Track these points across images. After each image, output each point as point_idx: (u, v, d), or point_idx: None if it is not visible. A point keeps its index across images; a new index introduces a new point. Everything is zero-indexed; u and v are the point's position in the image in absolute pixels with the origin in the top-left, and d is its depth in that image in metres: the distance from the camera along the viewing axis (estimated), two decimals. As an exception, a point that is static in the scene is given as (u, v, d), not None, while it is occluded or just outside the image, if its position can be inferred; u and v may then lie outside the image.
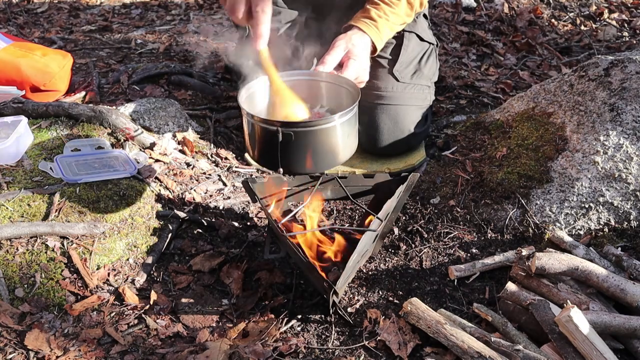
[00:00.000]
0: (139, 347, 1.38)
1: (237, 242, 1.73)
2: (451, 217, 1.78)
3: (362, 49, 1.58)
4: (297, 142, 1.23)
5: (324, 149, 1.28)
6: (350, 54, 1.53)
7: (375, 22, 1.67)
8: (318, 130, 1.25)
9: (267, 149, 1.29)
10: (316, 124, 1.24)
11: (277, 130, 1.22)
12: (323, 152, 1.28)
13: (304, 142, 1.24)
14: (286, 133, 1.21)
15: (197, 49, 2.86)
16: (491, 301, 1.52)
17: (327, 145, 1.28)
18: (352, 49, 1.54)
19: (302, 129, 1.23)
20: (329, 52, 1.51)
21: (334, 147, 1.30)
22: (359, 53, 1.55)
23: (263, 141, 1.29)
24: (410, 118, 1.99)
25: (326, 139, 1.27)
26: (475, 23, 3.30)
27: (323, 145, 1.28)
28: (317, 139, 1.26)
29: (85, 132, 1.92)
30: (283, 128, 1.22)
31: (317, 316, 1.48)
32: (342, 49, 1.53)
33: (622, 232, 1.64)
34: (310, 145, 1.26)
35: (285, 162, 1.27)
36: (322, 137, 1.26)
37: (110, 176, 1.73)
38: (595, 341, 1.23)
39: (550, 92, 1.95)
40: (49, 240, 1.54)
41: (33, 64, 2.17)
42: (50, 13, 3.51)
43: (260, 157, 1.35)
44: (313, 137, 1.25)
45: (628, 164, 1.66)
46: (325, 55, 1.50)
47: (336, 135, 1.28)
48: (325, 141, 1.27)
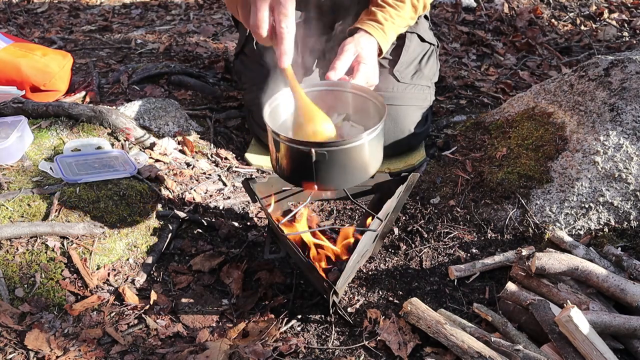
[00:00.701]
0: (139, 347, 1.38)
1: (237, 242, 1.74)
2: (451, 217, 1.78)
3: (370, 52, 1.58)
4: (330, 161, 1.26)
5: (356, 165, 1.32)
6: (359, 57, 1.53)
7: (382, 25, 1.67)
8: (349, 149, 1.27)
9: (300, 167, 1.31)
10: (349, 142, 1.27)
11: (309, 151, 1.24)
12: (355, 168, 1.32)
13: (337, 160, 1.27)
14: (320, 153, 1.24)
15: (197, 49, 2.86)
16: (491, 301, 1.52)
17: (358, 162, 1.32)
18: (361, 53, 1.53)
19: (334, 149, 1.26)
20: (339, 57, 1.49)
21: (365, 162, 1.33)
22: (367, 56, 1.55)
23: (295, 161, 1.31)
24: (410, 118, 1.99)
25: (357, 156, 1.30)
26: (475, 23, 3.30)
27: (355, 161, 1.31)
28: (349, 156, 1.29)
29: (85, 132, 1.92)
30: (316, 148, 1.24)
31: (317, 316, 1.48)
32: (351, 53, 1.52)
33: (622, 232, 1.64)
34: (343, 163, 1.29)
35: (319, 179, 1.30)
36: (354, 154, 1.29)
37: (110, 176, 1.73)
38: (595, 341, 1.24)
39: (550, 92, 1.95)
40: (49, 240, 1.54)
41: (33, 64, 2.17)
42: (50, 13, 3.51)
43: (292, 176, 1.37)
44: (345, 155, 1.28)
45: (628, 164, 1.66)
46: (335, 60, 1.48)
47: (366, 151, 1.31)
48: (357, 158, 1.31)
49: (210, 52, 2.85)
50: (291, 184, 1.41)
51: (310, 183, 1.31)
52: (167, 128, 2.08)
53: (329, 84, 1.45)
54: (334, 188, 1.46)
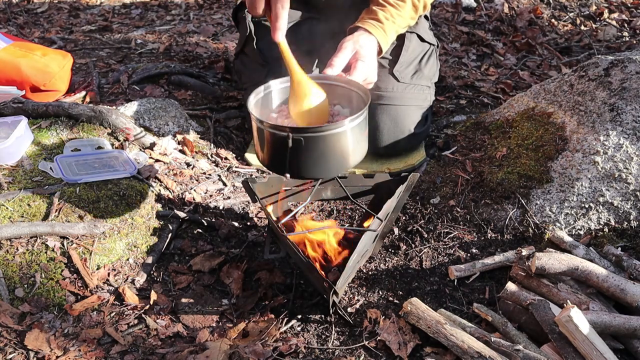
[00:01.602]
0: (139, 347, 1.38)
1: (237, 242, 1.74)
2: (451, 217, 1.78)
3: (369, 50, 1.58)
4: (307, 148, 1.23)
5: (334, 154, 1.27)
6: (357, 55, 1.53)
7: (382, 24, 1.67)
8: (328, 136, 1.23)
9: (276, 154, 1.28)
10: (326, 129, 1.23)
11: (287, 136, 1.21)
12: (333, 157, 1.28)
13: (313, 148, 1.23)
14: (296, 139, 1.21)
15: (197, 49, 2.86)
16: (491, 301, 1.52)
17: (337, 150, 1.27)
18: (359, 50, 1.54)
19: (313, 134, 1.22)
20: (337, 54, 1.50)
21: (344, 152, 1.29)
22: (366, 54, 1.55)
23: (273, 146, 1.28)
24: (410, 118, 1.99)
25: (336, 144, 1.26)
26: (475, 23, 3.30)
27: (333, 150, 1.27)
28: (327, 144, 1.25)
29: (85, 132, 1.92)
30: (293, 133, 1.21)
31: (317, 316, 1.48)
32: (349, 51, 1.52)
33: (622, 232, 1.64)
34: (320, 151, 1.25)
35: (294, 167, 1.26)
36: (333, 142, 1.25)
37: (110, 176, 1.73)
38: (595, 341, 1.23)
39: (550, 92, 1.95)
40: (49, 240, 1.54)
41: (33, 64, 2.17)
42: (50, 13, 3.51)
43: (269, 162, 1.34)
44: (323, 142, 1.24)
45: (628, 164, 1.66)
46: (333, 57, 1.49)
47: (346, 140, 1.27)
48: (335, 146, 1.26)
49: (210, 52, 2.85)
50: (271, 171, 1.37)
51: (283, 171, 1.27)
52: (167, 128, 2.08)
53: (315, 77, 1.43)
54: (308, 178, 1.41)
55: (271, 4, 1.28)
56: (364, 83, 1.53)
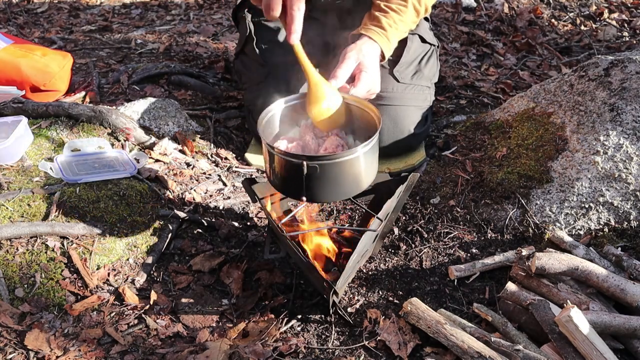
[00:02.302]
0: (139, 347, 1.38)
1: (237, 242, 1.74)
2: (451, 217, 1.78)
3: (372, 60, 1.57)
4: (322, 174, 1.26)
5: (348, 178, 1.31)
6: (361, 66, 1.52)
7: (386, 31, 1.66)
8: (342, 162, 1.27)
9: (291, 180, 1.31)
10: (340, 157, 1.26)
11: (301, 164, 1.24)
12: (347, 181, 1.31)
13: (328, 173, 1.27)
14: (311, 166, 1.24)
15: (197, 49, 2.86)
16: (491, 301, 1.52)
17: (350, 175, 1.31)
18: (363, 61, 1.53)
19: (327, 162, 1.25)
20: (340, 65, 1.49)
21: (357, 176, 1.33)
22: (370, 64, 1.54)
23: (287, 173, 1.31)
24: (410, 119, 1.99)
25: (350, 169, 1.30)
26: (475, 23, 3.31)
27: (347, 174, 1.30)
28: (341, 170, 1.28)
29: (85, 132, 1.92)
30: (308, 161, 1.24)
31: (317, 316, 1.48)
32: (353, 61, 1.51)
33: (622, 232, 1.64)
34: (335, 176, 1.28)
35: (310, 192, 1.30)
36: (346, 167, 1.29)
37: (110, 176, 1.73)
38: (595, 341, 1.24)
39: (550, 92, 1.95)
40: (49, 240, 1.54)
41: (33, 64, 2.17)
42: (50, 13, 3.51)
43: (283, 188, 1.37)
44: (337, 168, 1.27)
45: (628, 164, 1.66)
46: (337, 68, 1.48)
47: (359, 164, 1.30)
48: (348, 171, 1.30)
49: (210, 52, 2.85)
50: (285, 195, 1.41)
51: (300, 196, 1.31)
52: (167, 128, 2.08)
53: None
54: (324, 201, 1.46)
55: (287, 7, 1.28)
56: (368, 94, 1.53)
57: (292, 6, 1.28)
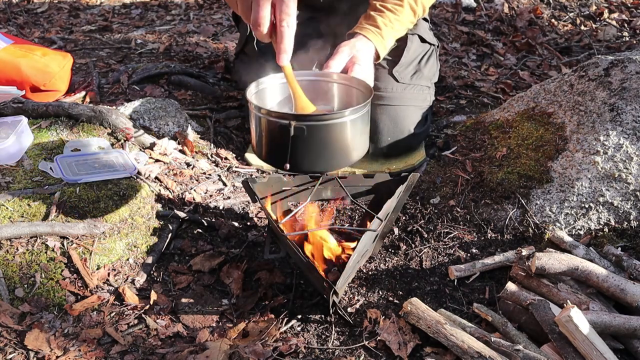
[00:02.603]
0: (139, 347, 1.38)
1: (237, 242, 1.74)
2: (451, 217, 1.78)
3: (366, 55, 1.57)
4: (310, 138, 1.20)
5: (336, 146, 1.25)
6: (354, 59, 1.52)
7: (380, 30, 1.66)
8: (331, 125, 1.21)
9: (276, 145, 1.25)
10: (330, 118, 1.21)
11: (289, 124, 1.18)
12: (335, 149, 1.26)
13: (316, 138, 1.21)
14: (298, 127, 1.18)
15: (197, 49, 2.86)
16: (491, 301, 1.52)
17: (339, 142, 1.25)
18: (356, 54, 1.53)
19: (316, 123, 1.19)
20: (333, 57, 1.49)
21: (346, 145, 1.27)
22: (362, 58, 1.54)
23: (272, 136, 1.25)
24: (410, 119, 1.99)
25: (339, 135, 1.24)
26: (475, 23, 3.31)
27: (335, 141, 1.25)
28: (329, 134, 1.22)
29: (85, 132, 1.92)
30: (296, 121, 1.18)
31: (317, 316, 1.48)
32: (346, 55, 1.51)
33: (622, 232, 1.64)
34: (323, 141, 1.22)
35: (295, 158, 1.23)
36: (335, 132, 1.23)
37: (110, 176, 1.73)
38: (595, 341, 1.23)
39: (550, 92, 1.95)
40: (49, 240, 1.54)
41: (33, 64, 2.17)
42: (50, 13, 3.51)
43: (268, 154, 1.30)
44: (326, 131, 1.21)
45: (628, 164, 1.66)
46: (329, 60, 1.48)
47: (349, 131, 1.25)
48: (337, 137, 1.24)
49: (210, 52, 2.85)
50: (268, 164, 1.34)
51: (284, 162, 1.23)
52: (167, 128, 2.08)
53: (314, 74, 1.42)
54: (309, 171, 1.38)
55: (276, 23, 1.17)
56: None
57: (281, 22, 1.16)
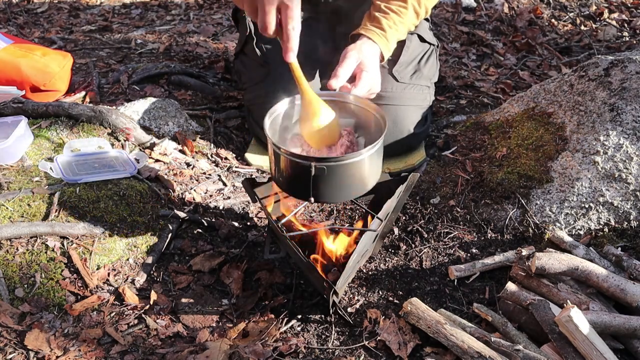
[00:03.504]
0: (139, 347, 1.38)
1: (237, 242, 1.74)
2: (451, 217, 1.78)
3: (373, 60, 1.57)
4: (329, 176, 1.28)
5: (354, 180, 1.33)
6: (362, 65, 1.52)
7: (385, 32, 1.66)
8: (349, 164, 1.28)
9: (298, 181, 1.33)
10: (347, 159, 1.28)
11: (309, 165, 1.25)
12: (353, 182, 1.33)
13: (335, 175, 1.29)
14: (319, 168, 1.26)
15: (197, 49, 2.86)
16: (491, 301, 1.52)
17: (356, 176, 1.33)
18: (363, 61, 1.52)
19: (334, 164, 1.27)
20: (341, 64, 1.48)
21: (363, 177, 1.35)
22: (370, 64, 1.54)
23: (294, 174, 1.32)
24: (410, 118, 1.99)
25: (356, 171, 1.32)
26: (475, 23, 3.31)
27: (353, 176, 1.32)
28: (347, 172, 1.30)
29: (85, 132, 1.92)
30: (317, 163, 1.25)
31: (317, 316, 1.48)
32: (354, 60, 1.51)
33: (622, 232, 1.64)
34: (341, 178, 1.30)
35: (316, 192, 1.31)
36: (353, 169, 1.30)
37: (110, 176, 1.73)
38: (595, 341, 1.24)
39: (550, 92, 1.95)
40: (49, 240, 1.54)
41: (33, 64, 2.16)
42: (50, 13, 3.51)
43: (290, 188, 1.38)
44: (344, 170, 1.29)
45: (628, 164, 1.66)
46: (338, 67, 1.48)
47: (365, 166, 1.32)
48: (355, 173, 1.32)
49: (210, 52, 2.85)
50: (289, 194, 1.43)
51: (307, 196, 1.32)
52: (167, 128, 2.08)
53: (331, 94, 1.44)
54: (330, 202, 1.47)
55: (282, 25, 1.26)
56: (368, 94, 1.53)
57: (287, 25, 1.25)
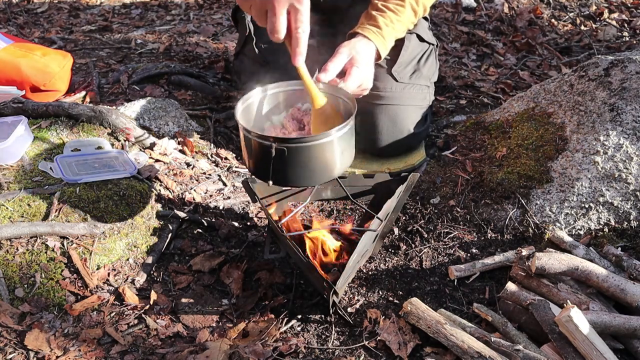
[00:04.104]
0: (139, 347, 1.38)
1: (237, 242, 1.74)
2: (451, 217, 1.78)
3: (365, 57, 1.56)
4: (291, 157, 1.25)
5: (318, 164, 1.29)
6: (353, 61, 1.52)
7: (381, 30, 1.66)
8: (312, 146, 1.25)
9: (260, 162, 1.31)
10: (311, 140, 1.25)
11: (270, 145, 1.24)
12: (317, 167, 1.30)
13: (297, 158, 1.26)
14: (279, 148, 1.23)
15: (197, 49, 2.86)
16: (491, 301, 1.52)
17: (321, 160, 1.29)
18: (355, 56, 1.52)
19: (296, 145, 1.24)
20: (332, 60, 1.48)
21: (328, 162, 1.31)
22: (362, 60, 1.53)
23: (257, 154, 1.31)
24: (409, 118, 1.99)
25: (321, 155, 1.28)
26: (475, 23, 3.31)
27: (317, 160, 1.29)
28: (311, 155, 1.27)
29: (85, 132, 1.92)
30: (277, 143, 1.24)
31: (317, 316, 1.48)
32: (345, 56, 1.51)
33: (622, 232, 1.64)
34: (304, 161, 1.27)
35: (277, 175, 1.29)
36: (317, 152, 1.27)
37: (110, 176, 1.73)
38: (595, 341, 1.24)
39: (550, 92, 1.95)
40: (49, 240, 1.54)
41: (33, 64, 2.16)
42: (50, 13, 3.51)
43: (254, 169, 1.37)
44: (307, 152, 1.26)
45: (628, 164, 1.66)
46: (328, 62, 1.48)
47: (331, 150, 1.29)
48: (319, 157, 1.28)
49: (210, 52, 2.85)
50: (255, 177, 1.41)
51: (267, 178, 1.30)
52: (167, 128, 2.08)
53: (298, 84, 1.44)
54: (291, 186, 1.45)
55: (291, 29, 1.26)
56: (359, 89, 1.52)
57: (296, 29, 1.25)
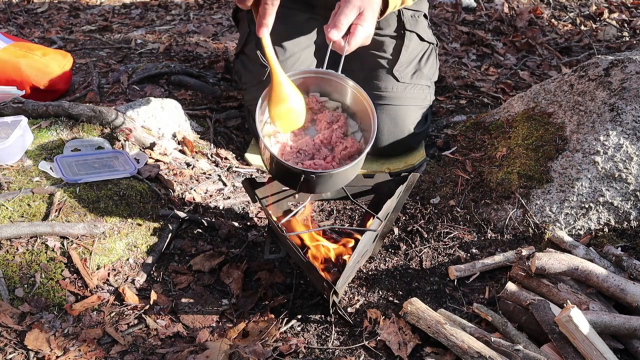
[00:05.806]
0: (139, 347, 1.38)
1: (237, 242, 1.74)
2: (451, 217, 1.78)
3: (373, 9, 1.44)
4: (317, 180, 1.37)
5: (340, 181, 1.44)
6: (361, 17, 1.40)
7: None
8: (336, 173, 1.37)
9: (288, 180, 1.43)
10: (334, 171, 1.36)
11: (300, 174, 1.33)
12: (338, 183, 1.45)
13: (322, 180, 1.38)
14: (308, 176, 1.34)
15: (197, 49, 2.86)
16: (491, 301, 1.52)
17: (342, 178, 1.43)
18: (364, 12, 1.40)
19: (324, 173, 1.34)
20: (343, 12, 1.36)
21: (347, 177, 1.45)
22: (369, 17, 1.42)
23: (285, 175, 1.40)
24: (410, 118, 1.99)
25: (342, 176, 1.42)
26: (475, 23, 3.31)
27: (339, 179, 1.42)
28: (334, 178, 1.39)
29: (85, 132, 1.92)
30: (306, 174, 1.33)
31: (317, 316, 1.48)
32: (356, 9, 1.38)
33: (622, 232, 1.64)
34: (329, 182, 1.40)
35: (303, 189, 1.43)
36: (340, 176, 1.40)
37: (110, 176, 1.73)
38: (595, 341, 1.24)
39: (550, 92, 1.95)
40: (49, 240, 1.54)
41: (33, 64, 2.16)
42: (50, 13, 3.51)
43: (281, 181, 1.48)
44: (331, 177, 1.38)
45: (628, 164, 1.66)
46: (339, 15, 1.36)
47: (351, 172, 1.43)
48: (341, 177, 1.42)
49: (210, 52, 2.85)
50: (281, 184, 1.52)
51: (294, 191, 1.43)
52: (167, 128, 2.08)
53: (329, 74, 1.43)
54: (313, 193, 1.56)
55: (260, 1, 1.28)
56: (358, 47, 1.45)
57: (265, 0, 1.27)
